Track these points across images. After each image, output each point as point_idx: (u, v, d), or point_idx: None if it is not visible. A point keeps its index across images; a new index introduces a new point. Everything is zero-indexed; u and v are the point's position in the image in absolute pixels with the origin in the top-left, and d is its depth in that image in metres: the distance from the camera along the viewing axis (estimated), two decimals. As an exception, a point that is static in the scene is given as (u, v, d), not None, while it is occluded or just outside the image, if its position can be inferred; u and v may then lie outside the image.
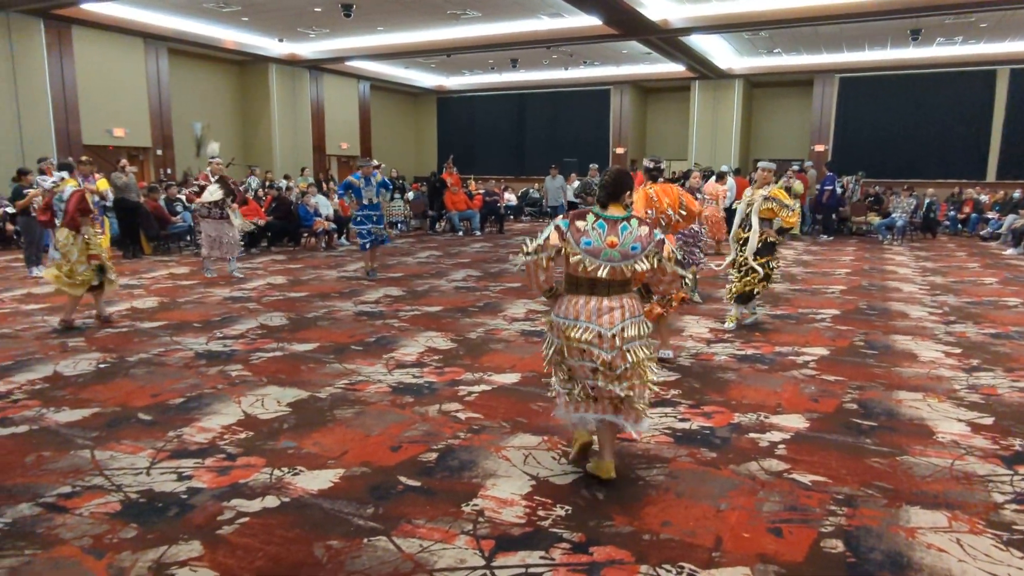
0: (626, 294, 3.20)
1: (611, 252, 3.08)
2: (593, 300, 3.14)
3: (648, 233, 3.14)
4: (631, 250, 3.10)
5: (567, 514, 2.97)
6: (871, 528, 2.89)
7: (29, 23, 14.02)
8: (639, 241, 3.11)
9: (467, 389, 4.66)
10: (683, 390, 4.68)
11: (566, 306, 3.20)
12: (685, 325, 6.65)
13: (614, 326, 3.10)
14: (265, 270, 10.02)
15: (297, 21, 15.84)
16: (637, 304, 3.24)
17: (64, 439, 3.77)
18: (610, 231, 3.09)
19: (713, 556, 2.67)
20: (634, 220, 3.17)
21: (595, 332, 3.11)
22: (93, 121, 15.35)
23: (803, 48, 18.42)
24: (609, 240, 3.08)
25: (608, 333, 3.10)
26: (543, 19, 15.50)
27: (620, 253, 3.09)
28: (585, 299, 3.16)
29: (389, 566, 2.58)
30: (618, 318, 3.12)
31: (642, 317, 3.24)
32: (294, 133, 20.69)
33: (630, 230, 3.11)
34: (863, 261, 11.60)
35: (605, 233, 3.09)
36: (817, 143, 20.87)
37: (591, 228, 3.10)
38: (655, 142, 25.31)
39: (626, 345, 3.12)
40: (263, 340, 5.98)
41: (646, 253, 3.13)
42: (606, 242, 3.08)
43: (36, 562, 2.59)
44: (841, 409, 4.35)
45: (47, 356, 5.42)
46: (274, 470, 3.39)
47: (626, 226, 3.12)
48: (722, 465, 3.49)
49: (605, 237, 3.08)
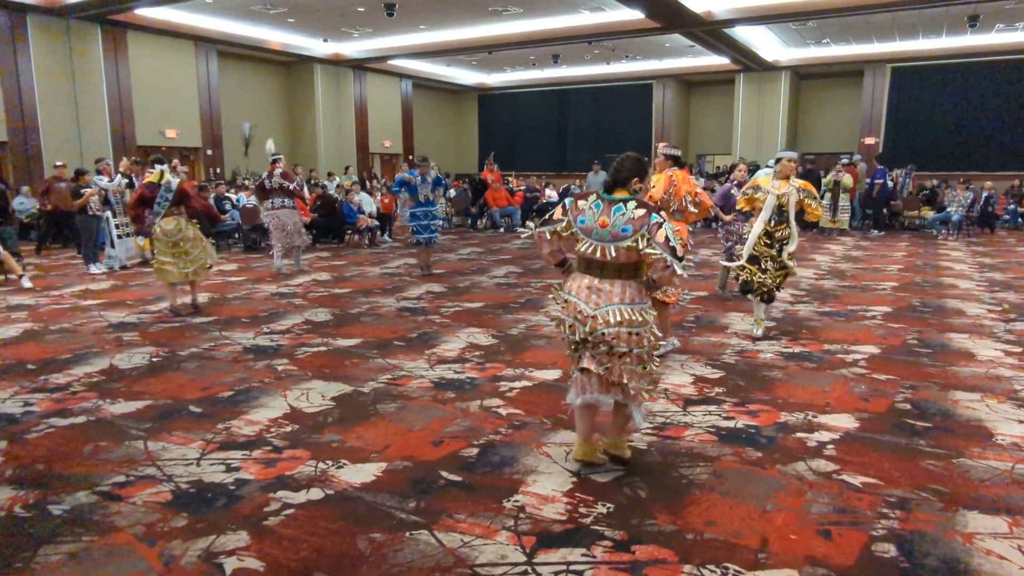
0: (623, 279, 3.15)
1: (601, 232, 3.11)
2: (587, 278, 3.20)
3: (643, 216, 3.07)
4: (621, 231, 3.07)
5: (609, 512, 2.95)
6: (926, 532, 2.79)
7: (87, 29, 14.56)
8: (631, 223, 3.06)
9: (508, 385, 4.67)
10: (727, 388, 4.60)
11: (568, 282, 3.29)
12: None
13: (598, 308, 3.11)
14: (310, 267, 10.19)
15: (341, 21, 16.07)
16: (634, 292, 3.16)
17: (119, 430, 3.90)
18: (604, 211, 3.13)
19: (759, 557, 2.61)
20: (631, 203, 3.11)
21: (579, 308, 3.17)
22: (147, 122, 15.88)
23: (853, 38, 17.90)
24: (601, 220, 3.11)
25: (588, 312, 3.13)
26: (584, 13, 15.40)
27: (610, 234, 3.09)
28: (581, 276, 3.23)
29: (431, 560, 2.60)
30: (604, 301, 3.12)
31: (641, 306, 3.16)
32: (338, 132, 21.02)
33: (623, 212, 3.09)
34: (916, 257, 11.22)
35: (599, 213, 3.13)
36: (867, 136, 20.27)
37: (588, 207, 3.17)
38: (698, 137, 24.95)
39: (608, 330, 3.09)
40: (308, 335, 6.09)
41: (639, 235, 3.05)
42: (598, 222, 3.12)
43: (93, 548, 2.69)
44: (893, 409, 4.21)
45: (103, 350, 5.61)
46: (319, 463, 3.45)
47: (620, 207, 3.11)
48: (768, 465, 3.41)
49: (598, 217, 3.12)
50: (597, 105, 24.56)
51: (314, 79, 20.14)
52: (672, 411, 4.16)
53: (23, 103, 13.71)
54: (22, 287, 8.38)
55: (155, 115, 16.03)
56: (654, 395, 3.34)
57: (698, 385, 4.65)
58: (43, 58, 13.96)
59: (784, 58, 20.12)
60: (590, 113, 24.76)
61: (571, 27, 16.17)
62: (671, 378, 4.79)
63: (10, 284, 8.58)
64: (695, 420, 4.01)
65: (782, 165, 5.67)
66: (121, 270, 9.85)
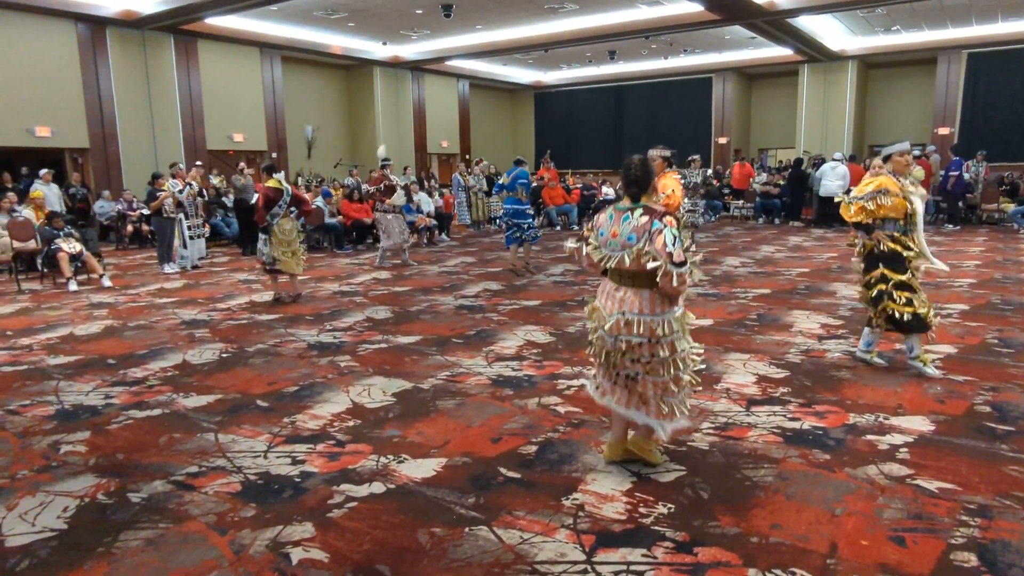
0: (637, 287, 3.11)
1: (613, 242, 3.14)
2: (609, 284, 3.24)
3: (646, 223, 3.03)
4: (627, 240, 3.08)
5: (670, 512, 2.90)
6: (1010, 542, 2.64)
7: (161, 39, 15.22)
8: (635, 231, 3.06)
9: (566, 383, 4.65)
10: (792, 388, 4.46)
11: (600, 288, 3.33)
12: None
13: (612, 315, 3.15)
14: (371, 265, 10.40)
15: (399, 24, 16.32)
16: (650, 301, 3.09)
17: (192, 422, 4.06)
18: (615, 222, 3.15)
19: (828, 563, 2.52)
20: (637, 211, 3.10)
21: (602, 315, 3.22)
22: (216, 127, 16.50)
23: (925, 23, 17.09)
24: (612, 231, 3.14)
25: (607, 317, 3.17)
26: (641, 8, 15.19)
27: (620, 244, 3.11)
28: (604, 282, 3.28)
29: (490, 556, 2.61)
30: (616, 308, 3.14)
31: (661, 316, 3.09)
32: (397, 133, 21.36)
33: (630, 220, 3.10)
34: (995, 252, 10.64)
35: (611, 224, 3.16)
36: (941, 126, 19.32)
37: (605, 219, 3.20)
38: (760, 130, 24.30)
39: (623, 338, 3.10)
40: (369, 332, 6.21)
41: (641, 242, 3.02)
42: (611, 232, 3.15)
43: (168, 535, 2.81)
44: (972, 412, 4.01)
45: (177, 346, 5.86)
46: (380, 457, 3.51)
47: (628, 216, 3.12)
48: (836, 468, 3.30)
49: (611, 228, 3.15)
50: (654, 100, 24.19)
51: (373, 81, 20.51)
52: (735, 411, 4.07)
53: (103, 111, 14.44)
54: (103, 286, 8.83)
55: (223, 120, 16.64)
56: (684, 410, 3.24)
57: (761, 385, 4.53)
58: (121, 68, 14.67)
59: (851, 47, 19.38)
60: (647, 109, 24.42)
61: (628, 22, 15.97)
62: (733, 378, 4.69)
63: (92, 283, 9.05)
64: (759, 421, 3.91)
65: (895, 161, 4.86)
66: (193, 270, 10.27)
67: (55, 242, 9.04)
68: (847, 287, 7.88)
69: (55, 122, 13.79)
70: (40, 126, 13.59)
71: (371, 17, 15.54)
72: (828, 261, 10.05)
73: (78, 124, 14.16)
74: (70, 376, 5.02)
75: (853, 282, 5.48)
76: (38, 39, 13.40)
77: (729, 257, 10.59)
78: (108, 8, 13.69)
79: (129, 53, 14.79)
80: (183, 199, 10.24)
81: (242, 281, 9.23)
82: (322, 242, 12.68)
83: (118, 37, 14.53)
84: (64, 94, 13.82)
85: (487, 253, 11.55)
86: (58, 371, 5.15)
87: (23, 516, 2.98)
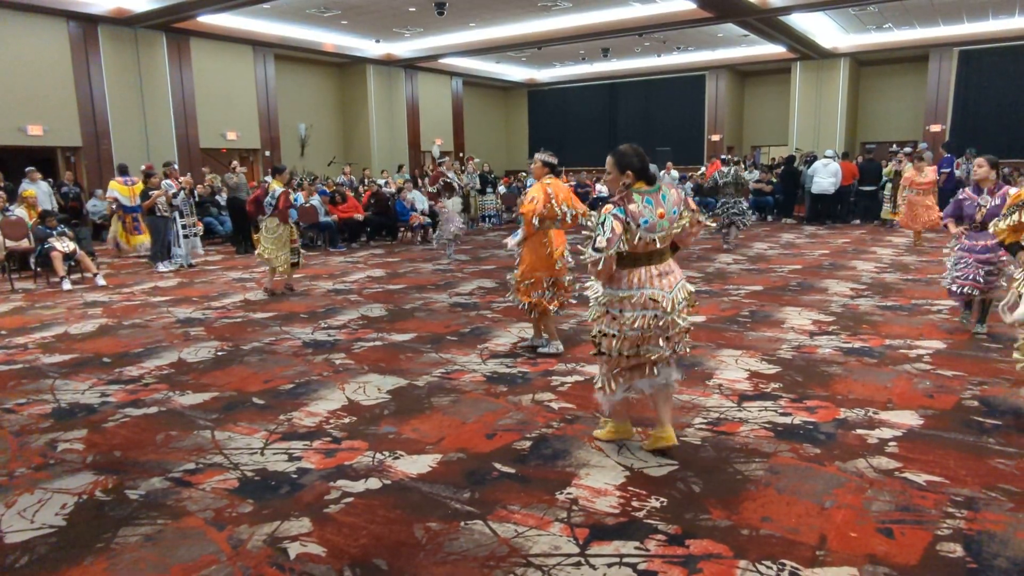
0: (671, 259, 3.39)
1: (663, 223, 3.26)
2: (653, 267, 3.31)
3: (678, 194, 3.35)
4: (673, 214, 3.30)
5: (662, 506, 2.95)
6: (995, 533, 2.70)
7: (153, 37, 15.18)
8: (676, 204, 3.31)
9: (560, 379, 4.69)
10: (784, 383, 4.52)
11: (627, 279, 3.31)
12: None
13: (673, 289, 3.31)
14: (365, 263, 10.41)
15: (393, 21, 16.32)
16: (678, 268, 3.42)
17: (188, 420, 4.08)
18: (656, 205, 3.26)
19: (817, 554, 2.57)
20: (663, 187, 3.32)
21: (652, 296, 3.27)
22: (209, 126, 16.47)
23: (917, 21, 17.20)
24: (659, 212, 3.25)
25: (668, 296, 3.28)
26: (635, 5, 15.24)
27: (668, 221, 3.28)
28: (645, 269, 3.31)
29: (485, 549, 2.65)
30: (672, 282, 3.32)
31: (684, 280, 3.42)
32: (391, 131, 21.35)
33: (668, 197, 3.30)
34: (986, 249, 10.71)
35: (654, 207, 3.25)
36: (932, 123, 19.46)
37: (642, 207, 3.23)
38: (753, 127, 24.40)
39: (680, 307, 3.33)
40: (364, 330, 6.24)
41: (681, 212, 3.32)
42: (657, 215, 3.25)
43: (167, 531, 2.83)
44: (960, 406, 4.07)
45: (172, 344, 5.87)
46: (376, 454, 3.54)
47: (665, 195, 3.30)
48: (827, 461, 3.35)
49: (655, 211, 3.25)
50: (648, 98, 24.26)
51: (367, 79, 20.49)
52: (726, 407, 4.11)
53: (95, 110, 14.39)
54: (97, 285, 8.82)
55: (216, 118, 16.60)
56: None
57: (753, 380, 4.58)
58: (113, 66, 14.62)
59: (843, 45, 19.48)
60: (641, 106, 24.48)
61: (621, 20, 16.01)
62: (725, 374, 4.74)
63: (86, 282, 9.04)
64: (750, 416, 3.96)
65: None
66: (189, 268, 10.26)
67: (48, 241, 9.02)
68: (838, 284, 7.95)
69: (47, 120, 13.75)
70: (32, 124, 13.55)
71: (364, 15, 15.53)
72: (820, 258, 10.12)
73: (70, 123, 14.12)
74: (66, 375, 5.03)
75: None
76: (30, 37, 13.35)
77: (722, 254, 10.66)
78: (100, 6, 13.65)
79: (121, 51, 14.74)
80: (178, 203, 10.19)
81: (236, 279, 9.23)
82: (316, 240, 12.68)
83: (110, 35, 14.48)
84: (56, 92, 13.78)
85: (480, 251, 11.58)
86: (54, 370, 5.16)
87: (22, 513, 3.00)
